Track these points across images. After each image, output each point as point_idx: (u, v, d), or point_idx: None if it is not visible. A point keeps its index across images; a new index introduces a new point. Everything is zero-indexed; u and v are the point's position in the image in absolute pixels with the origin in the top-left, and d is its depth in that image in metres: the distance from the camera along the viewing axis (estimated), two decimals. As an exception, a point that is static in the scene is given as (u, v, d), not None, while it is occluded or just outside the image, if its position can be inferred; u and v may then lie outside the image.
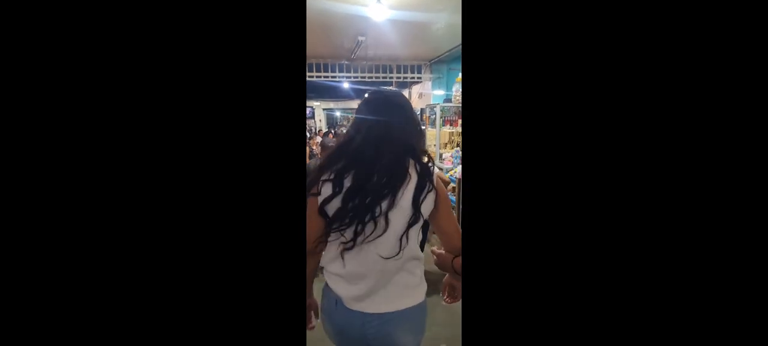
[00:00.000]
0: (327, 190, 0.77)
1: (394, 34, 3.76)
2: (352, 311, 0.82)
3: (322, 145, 3.19)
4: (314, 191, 0.78)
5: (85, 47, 0.43)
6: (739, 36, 0.41)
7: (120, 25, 0.44)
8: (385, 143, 0.76)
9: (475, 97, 0.49)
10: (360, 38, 3.80)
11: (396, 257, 0.79)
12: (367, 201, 0.74)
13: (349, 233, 0.77)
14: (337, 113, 15.54)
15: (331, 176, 0.76)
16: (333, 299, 0.84)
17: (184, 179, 0.46)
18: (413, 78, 5.70)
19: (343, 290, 0.82)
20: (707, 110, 0.42)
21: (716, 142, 0.42)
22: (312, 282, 0.92)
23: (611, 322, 0.44)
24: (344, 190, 0.75)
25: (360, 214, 0.75)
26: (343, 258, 0.80)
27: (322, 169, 0.79)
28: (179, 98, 0.46)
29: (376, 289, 0.81)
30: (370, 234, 0.77)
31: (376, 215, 0.75)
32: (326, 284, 0.86)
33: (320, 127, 13.72)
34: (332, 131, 10.34)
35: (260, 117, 0.48)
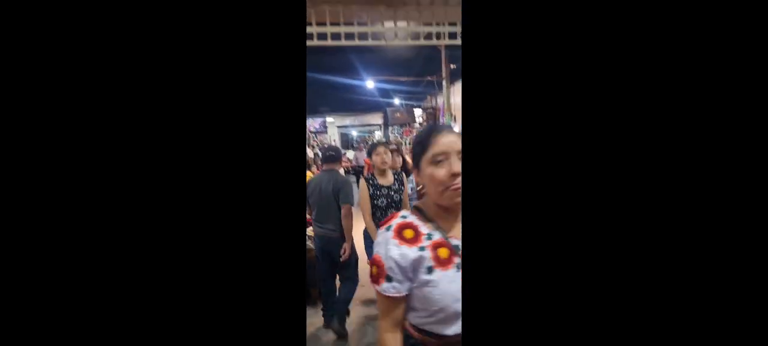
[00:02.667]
0: None
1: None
2: None
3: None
4: None
5: (83, 47, 0.44)
6: (738, 36, 0.42)
7: (118, 23, 0.45)
8: None
9: (475, 94, 0.48)
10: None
11: None
12: None
13: None
14: (354, 133, 13.78)
15: None
16: None
17: (182, 180, 0.47)
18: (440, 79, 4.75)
19: None
20: (707, 110, 0.42)
21: (717, 143, 0.42)
22: None
23: (611, 322, 0.44)
24: None
25: None
26: None
27: None
28: (176, 98, 0.47)
29: None
30: None
31: None
32: None
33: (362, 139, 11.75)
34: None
35: (259, 113, 0.48)
